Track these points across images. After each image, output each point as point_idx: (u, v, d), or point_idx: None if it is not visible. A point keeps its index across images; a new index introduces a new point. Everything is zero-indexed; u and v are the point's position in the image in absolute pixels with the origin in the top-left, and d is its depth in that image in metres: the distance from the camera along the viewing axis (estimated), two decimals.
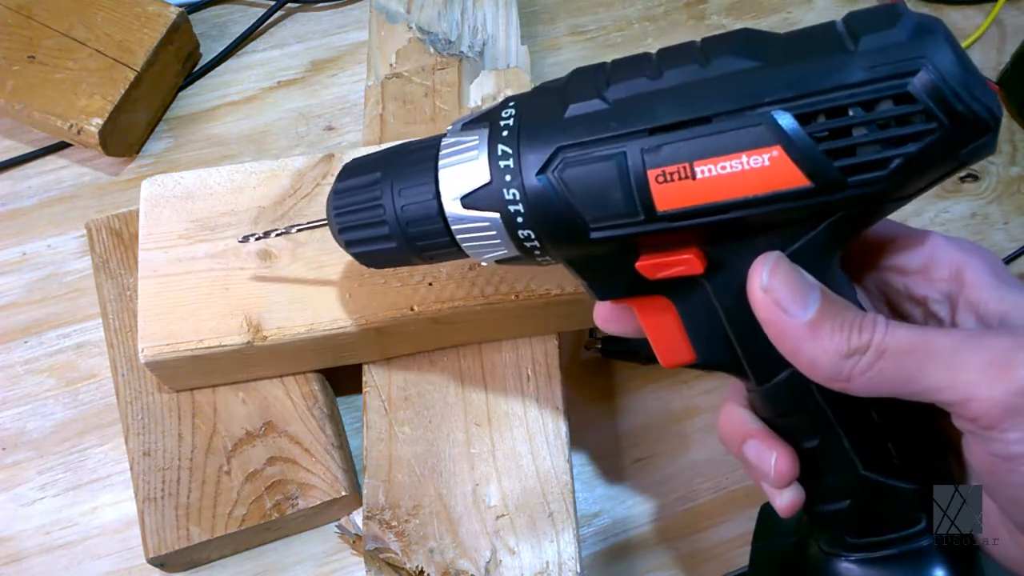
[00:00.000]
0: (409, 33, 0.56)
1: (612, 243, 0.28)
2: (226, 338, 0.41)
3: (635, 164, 0.26)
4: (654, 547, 0.47)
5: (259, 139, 0.59)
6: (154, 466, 0.43)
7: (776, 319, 0.26)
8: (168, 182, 0.46)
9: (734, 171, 0.25)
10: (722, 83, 0.26)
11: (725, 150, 0.25)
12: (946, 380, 0.25)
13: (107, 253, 0.50)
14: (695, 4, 0.66)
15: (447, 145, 0.31)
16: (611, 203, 0.27)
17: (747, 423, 0.31)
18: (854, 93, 0.24)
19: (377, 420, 0.44)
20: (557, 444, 0.43)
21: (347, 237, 0.34)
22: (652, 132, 0.26)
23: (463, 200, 0.30)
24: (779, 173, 0.25)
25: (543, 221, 0.29)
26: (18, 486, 0.47)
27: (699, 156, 0.26)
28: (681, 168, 0.26)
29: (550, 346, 0.46)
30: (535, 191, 0.28)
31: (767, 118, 0.25)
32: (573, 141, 0.27)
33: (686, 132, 0.26)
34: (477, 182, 0.29)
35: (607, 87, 0.28)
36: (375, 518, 0.41)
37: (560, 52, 0.64)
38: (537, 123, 0.29)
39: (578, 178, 0.27)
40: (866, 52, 0.24)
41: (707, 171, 0.26)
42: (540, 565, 0.40)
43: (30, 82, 0.54)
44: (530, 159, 0.28)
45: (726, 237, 0.27)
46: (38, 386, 0.50)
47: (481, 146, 0.29)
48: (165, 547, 0.42)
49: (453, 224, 0.31)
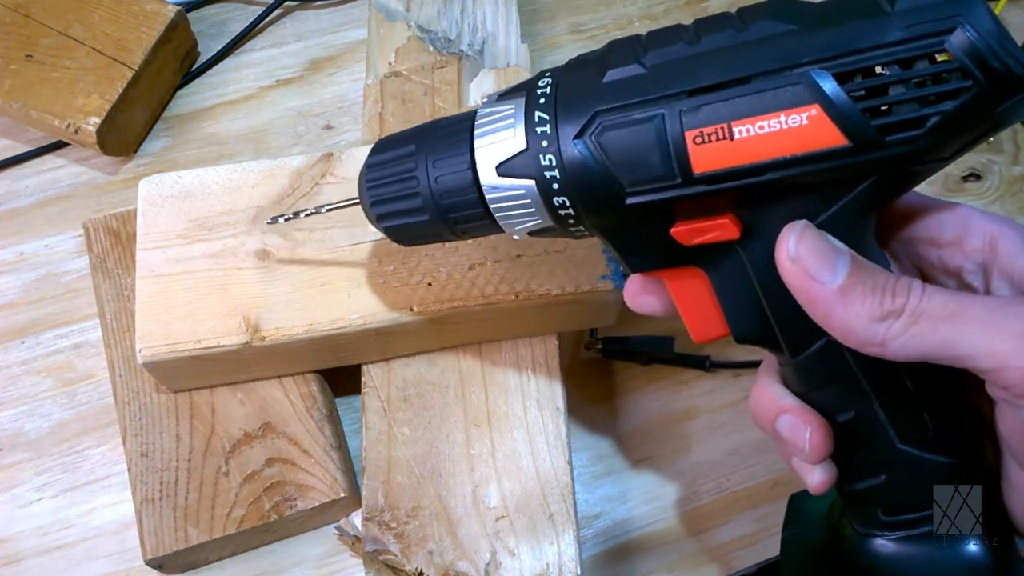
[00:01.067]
0: (408, 31, 0.56)
1: (647, 209, 0.28)
2: (224, 338, 0.41)
3: (673, 125, 0.27)
4: (655, 548, 0.46)
5: (257, 138, 0.59)
6: (152, 467, 0.43)
7: (806, 286, 0.27)
8: (166, 181, 0.45)
9: (772, 131, 0.26)
10: (760, 45, 0.26)
11: (763, 110, 0.26)
12: (982, 346, 0.25)
13: (105, 253, 0.50)
14: (696, 3, 0.66)
15: (483, 115, 0.31)
16: (648, 166, 0.27)
17: (780, 398, 0.31)
18: (891, 52, 0.24)
19: (376, 421, 0.43)
20: (557, 445, 0.43)
21: (379, 211, 0.34)
22: (691, 94, 0.26)
23: (499, 168, 0.30)
24: (817, 132, 0.25)
25: (579, 187, 0.29)
26: (15, 487, 0.47)
27: (737, 116, 0.26)
28: (719, 129, 0.26)
29: (550, 346, 0.45)
30: (571, 156, 0.28)
31: (805, 77, 0.25)
32: (611, 105, 0.28)
33: (724, 93, 0.26)
34: (513, 149, 0.29)
35: (645, 53, 0.28)
36: (374, 519, 0.41)
37: (560, 50, 0.64)
38: (574, 90, 0.29)
39: (615, 141, 0.27)
40: (902, 12, 0.25)
41: (745, 131, 0.26)
42: (540, 567, 0.40)
43: (28, 81, 0.54)
44: (567, 124, 0.28)
45: (762, 201, 0.27)
46: (35, 387, 0.50)
47: (518, 114, 0.29)
48: (163, 548, 0.42)
49: (488, 193, 0.31)
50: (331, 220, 0.44)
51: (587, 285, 0.42)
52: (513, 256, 0.43)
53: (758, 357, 0.52)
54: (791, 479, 0.48)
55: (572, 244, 0.43)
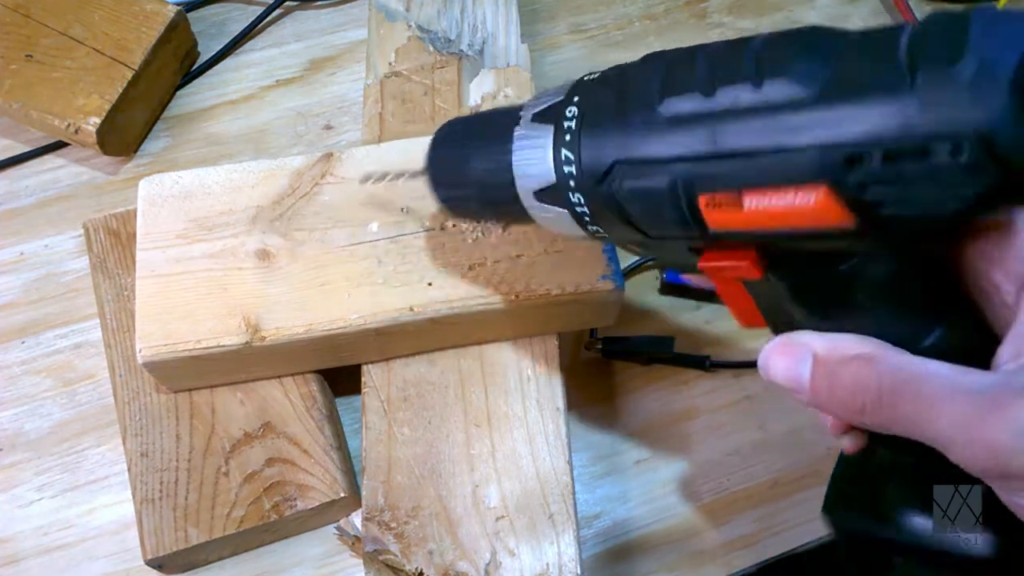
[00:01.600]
0: (408, 31, 0.56)
1: (672, 244, 0.30)
2: (224, 338, 0.41)
3: (687, 188, 0.27)
4: (655, 548, 0.46)
5: (257, 138, 0.59)
6: (152, 467, 0.43)
7: (791, 394, 0.30)
8: (166, 181, 0.45)
9: (780, 205, 0.26)
10: (774, 114, 0.25)
11: (773, 183, 0.25)
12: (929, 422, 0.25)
13: (105, 253, 0.50)
14: (696, 2, 0.66)
15: (519, 137, 0.32)
16: (666, 219, 0.28)
17: None
18: (905, 139, 0.23)
19: (376, 421, 0.43)
20: (557, 445, 0.43)
21: (437, 190, 0.37)
22: (702, 159, 0.27)
23: (535, 195, 0.32)
24: (825, 211, 0.25)
25: (607, 223, 0.31)
26: (15, 487, 0.47)
27: (748, 185, 0.26)
28: (730, 196, 0.26)
29: (550, 346, 0.45)
30: (596, 198, 0.30)
31: (816, 156, 0.24)
32: (628, 156, 0.28)
33: (736, 162, 0.26)
34: (545, 182, 0.31)
35: (661, 100, 0.28)
36: (374, 519, 0.41)
37: (560, 50, 0.64)
38: (597, 129, 0.30)
39: (634, 193, 0.29)
40: (923, 90, 0.23)
41: (755, 203, 0.26)
42: (540, 567, 0.40)
43: (28, 81, 0.54)
44: (590, 168, 0.30)
45: (777, 251, 0.28)
46: (35, 387, 0.50)
47: (546, 146, 0.31)
48: (163, 548, 0.42)
49: (529, 210, 0.33)
50: (331, 220, 0.44)
51: (587, 285, 0.42)
52: (513, 256, 0.43)
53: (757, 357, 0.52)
54: (791, 479, 0.48)
55: (572, 244, 0.43)
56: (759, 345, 0.53)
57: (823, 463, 0.49)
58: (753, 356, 0.51)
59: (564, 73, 0.62)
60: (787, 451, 0.49)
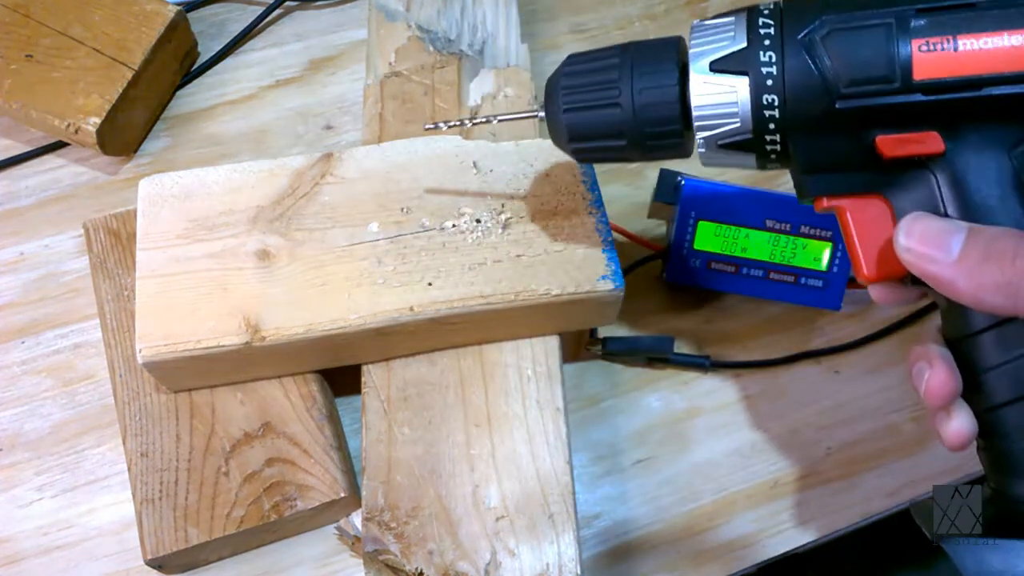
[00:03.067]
0: (408, 31, 0.56)
1: (857, 115, 0.30)
2: (224, 338, 0.41)
3: (902, 31, 0.29)
4: (655, 548, 0.46)
5: (258, 138, 0.59)
6: (152, 467, 0.43)
7: (926, 269, 0.28)
8: (166, 181, 0.45)
9: (996, 47, 0.28)
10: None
11: (989, 28, 0.28)
12: None
13: (105, 253, 0.50)
14: (696, 2, 0.66)
15: (699, 27, 0.32)
16: (870, 66, 0.29)
17: (927, 348, 0.32)
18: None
19: (376, 421, 0.43)
20: (557, 445, 0.43)
21: (572, 119, 0.34)
22: (920, 12, 0.29)
23: (713, 64, 0.31)
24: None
25: (793, 84, 0.30)
26: (15, 487, 0.47)
27: (964, 30, 0.28)
28: (945, 40, 0.28)
29: (550, 346, 0.45)
30: (793, 52, 0.30)
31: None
32: (840, 12, 0.30)
33: (953, 12, 0.29)
34: (733, 48, 0.31)
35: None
36: (374, 519, 0.41)
37: (560, 50, 0.64)
38: (802, 2, 0.31)
39: (840, 42, 0.29)
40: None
41: (970, 44, 0.28)
42: (540, 567, 0.40)
43: (28, 81, 0.54)
44: (793, 25, 0.30)
45: (967, 120, 0.30)
46: (35, 387, 0.50)
47: (739, 22, 0.31)
48: (163, 548, 0.42)
49: (695, 90, 0.32)
50: (331, 220, 0.44)
51: (587, 285, 0.42)
52: (513, 256, 0.43)
53: (758, 358, 0.53)
54: (791, 479, 0.48)
55: (572, 244, 0.43)
56: (759, 345, 0.54)
57: (823, 463, 0.49)
58: (754, 357, 0.51)
59: None
60: (787, 451, 0.49)
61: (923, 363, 0.32)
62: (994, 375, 0.30)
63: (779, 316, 0.52)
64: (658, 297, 0.53)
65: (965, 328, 0.31)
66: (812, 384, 0.51)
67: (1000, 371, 0.30)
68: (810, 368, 0.51)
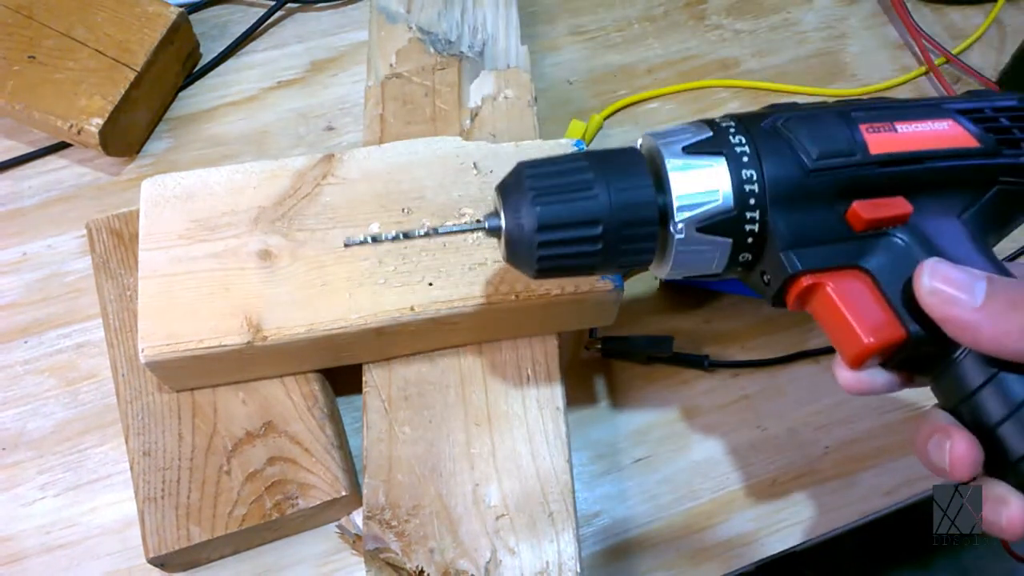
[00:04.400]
0: (409, 33, 0.56)
1: (829, 184, 0.32)
2: (226, 338, 0.41)
3: (848, 119, 0.33)
4: (654, 547, 0.47)
5: (259, 139, 0.59)
6: (154, 466, 0.43)
7: (948, 313, 0.29)
8: (168, 182, 0.46)
9: (924, 130, 0.33)
10: (899, 101, 0.36)
11: (916, 118, 0.34)
12: None
13: (107, 253, 0.50)
14: (695, 4, 0.66)
15: (653, 132, 0.34)
16: (833, 141, 0.32)
17: (936, 421, 0.31)
18: (992, 103, 0.35)
19: (377, 420, 0.44)
20: (557, 444, 0.43)
21: (543, 208, 0.31)
22: (855, 110, 0.34)
23: (685, 147, 0.33)
24: (955, 135, 0.34)
25: (768, 161, 0.32)
26: (18, 486, 0.47)
27: (897, 119, 0.34)
28: (885, 124, 0.33)
29: (550, 346, 0.46)
30: (762, 135, 0.33)
31: (943, 109, 0.34)
32: (788, 112, 0.34)
33: (882, 111, 0.34)
34: (701, 136, 0.33)
35: (801, 106, 0.35)
36: (375, 518, 0.41)
37: (560, 52, 0.64)
38: (747, 115, 0.34)
39: (801, 126, 0.33)
40: None
41: (905, 128, 0.33)
42: (540, 565, 0.40)
43: (30, 82, 0.54)
44: (752, 121, 0.34)
45: (922, 189, 0.33)
46: (38, 386, 0.50)
47: (698, 123, 0.34)
48: (165, 547, 0.42)
49: (674, 175, 0.32)
50: (332, 220, 0.45)
51: (587, 285, 0.43)
52: None
53: (757, 357, 0.53)
54: (789, 478, 0.48)
55: None
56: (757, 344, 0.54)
57: (821, 462, 0.49)
58: (752, 356, 0.52)
59: (564, 74, 0.63)
60: (785, 450, 0.49)
61: (939, 436, 0.30)
62: (1007, 428, 0.30)
63: (777, 316, 0.53)
64: (657, 297, 0.54)
65: (962, 390, 0.31)
66: (810, 383, 0.51)
67: (1011, 422, 0.30)
68: (808, 367, 0.52)
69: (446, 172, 0.46)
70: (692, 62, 0.64)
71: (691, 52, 0.64)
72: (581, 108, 0.61)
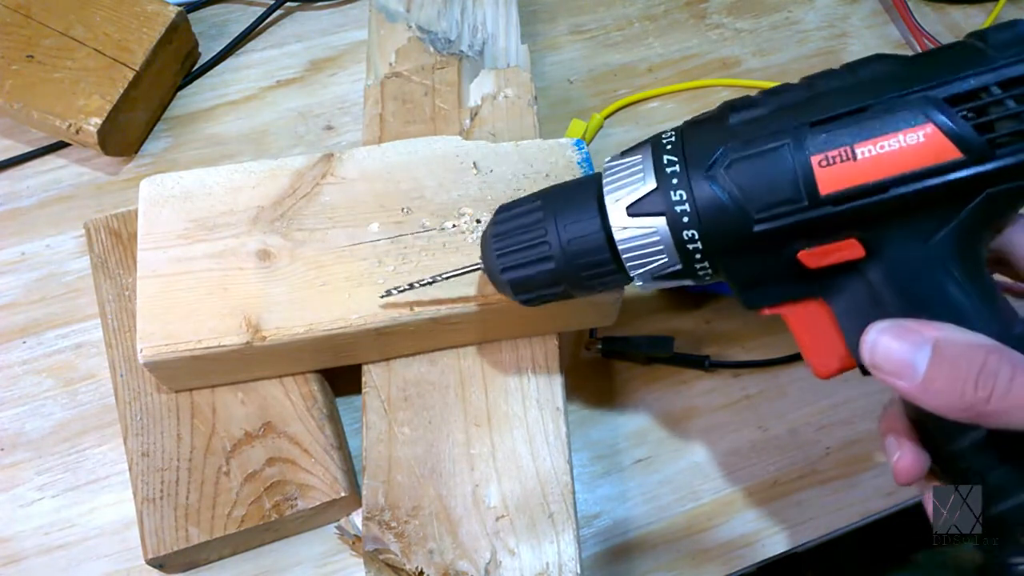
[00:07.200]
0: (409, 32, 0.56)
1: (775, 235, 0.30)
2: (225, 338, 0.41)
3: (799, 152, 0.29)
4: (655, 548, 0.46)
5: (258, 138, 0.59)
6: (153, 467, 0.43)
7: (892, 384, 0.28)
8: (167, 182, 0.45)
9: (892, 149, 0.28)
10: (872, 82, 0.29)
11: (883, 131, 0.28)
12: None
13: (106, 253, 0.50)
14: (695, 3, 0.66)
15: (609, 168, 0.33)
16: (776, 191, 0.29)
17: (896, 418, 0.33)
18: (992, 76, 0.28)
19: (376, 421, 0.43)
20: (557, 445, 0.43)
21: (511, 276, 0.35)
22: (813, 125, 0.29)
23: (629, 208, 0.32)
24: (934, 148, 0.28)
25: (708, 218, 0.31)
26: (17, 487, 0.47)
27: (859, 139, 0.29)
28: (843, 151, 0.29)
29: (550, 346, 0.45)
30: (701, 188, 0.31)
31: (918, 101, 0.28)
32: (737, 141, 0.30)
33: (844, 121, 0.29)
34: (644, 191, 0.32)
35: (763, 102, 0.31)
36: (375, 519, 0.41)
37: (560, 51, 0.64)
38: (700, 134, 0.32)
39: (743, 172, 0.30)
40: (996, 45, 0.28)
41: (867, 151, 0.28)
42: (540, 566, 0.40)
43: (29, 81, 0.54)
44: (696, 160, 0.31)
45: (883, 221, 0.30)
46: (37, 386, 0.50)
47: (646, 161, 0.32)
48: (164, 548, 0.42)
49: (618, 235, 0.33)
50: (332, 220, 0.44)
51: None
52: None
53: (757, 357, 0.53)
54: (790, 479, 0.48)
55: None
56: (758, 345, 0.54)
57: (822, 462, 0.49)
58: (753, 356, 0.51)
59: (564, 73, 0.63)
60: (786, 451, 0.49)
61: (894, 438, 0.33)
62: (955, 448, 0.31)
63: (777, 316, 0.52)
64: (657, 297, 0.54)
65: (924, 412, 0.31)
66: (811, 384, 0.51)
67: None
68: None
69: (446, 171, 0.46)
70: (693, 61, 0.63)
71: (692, 51, 0.64)
72: (581, 107, 0.61)
